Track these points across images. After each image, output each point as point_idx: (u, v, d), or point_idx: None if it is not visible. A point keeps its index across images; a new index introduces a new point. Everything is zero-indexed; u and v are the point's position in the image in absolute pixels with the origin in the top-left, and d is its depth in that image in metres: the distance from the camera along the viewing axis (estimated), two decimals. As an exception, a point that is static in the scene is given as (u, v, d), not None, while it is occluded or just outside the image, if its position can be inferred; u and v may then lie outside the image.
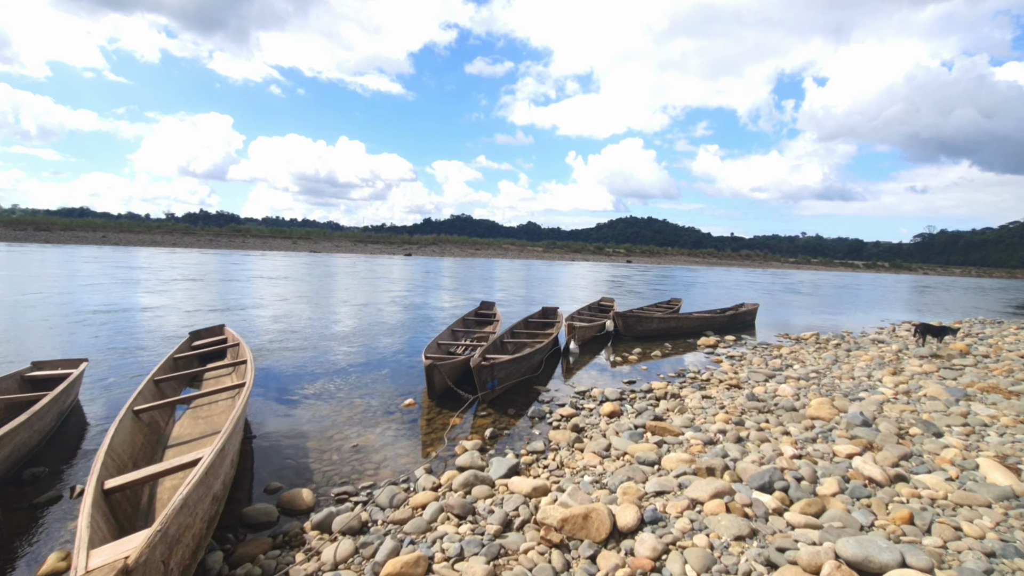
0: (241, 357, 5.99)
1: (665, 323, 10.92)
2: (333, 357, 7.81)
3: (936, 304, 25.13)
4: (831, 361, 8.36)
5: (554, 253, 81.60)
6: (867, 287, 38.46)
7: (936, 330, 9.47)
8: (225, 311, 11.81)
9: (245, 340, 6.70)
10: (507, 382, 6.13)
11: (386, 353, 8.29)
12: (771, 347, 9.97)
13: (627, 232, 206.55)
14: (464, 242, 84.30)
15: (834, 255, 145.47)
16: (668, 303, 15.48)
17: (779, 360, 8.30)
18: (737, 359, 8.75)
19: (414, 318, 12.25)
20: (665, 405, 5.71)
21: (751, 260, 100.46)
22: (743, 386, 6.66)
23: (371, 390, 6.15)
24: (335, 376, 6.74)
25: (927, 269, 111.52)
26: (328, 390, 6.09)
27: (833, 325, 14.65)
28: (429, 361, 5.53)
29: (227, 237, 69.58)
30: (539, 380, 6.90)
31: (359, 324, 10.94)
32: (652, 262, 78.02)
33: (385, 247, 71.20)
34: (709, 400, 5.97)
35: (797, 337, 11.30)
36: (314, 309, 12.90)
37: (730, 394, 6.20)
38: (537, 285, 24.94)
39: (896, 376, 7.02)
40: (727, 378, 7.02)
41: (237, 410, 3.81)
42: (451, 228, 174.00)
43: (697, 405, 5.68)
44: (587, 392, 6.27)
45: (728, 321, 12.58)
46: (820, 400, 5.56)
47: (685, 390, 6.42)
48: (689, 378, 7.24)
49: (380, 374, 6.93)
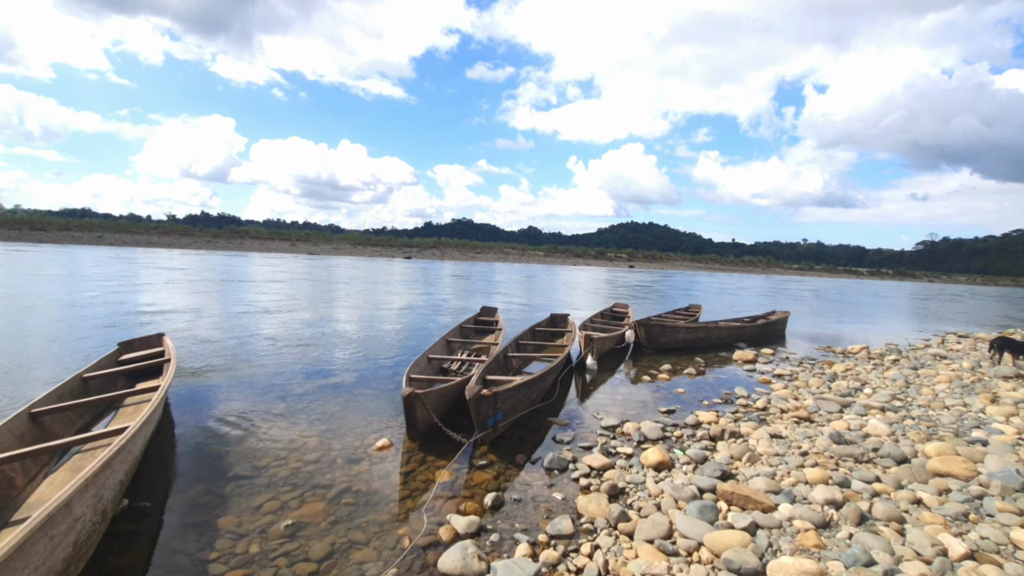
0: (161, 381, 4.58)
1: (692, 333, 9.48)
2: (299, 374, 6.38)
3: (966, 312, 23.67)
4: (902, 383, 6.92)
5: (556, 257, 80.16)
6: (879, 295, 37.04)
7: (1018, 345, 8.03)
8: (181, 314, 10.38)
9: (185, 353, 5.28)
10: (513, 415, 4.69)
11: (366, 369, 6.85)
12: (819, 363, 8.53)
13: (628, 237, 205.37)
14: (465, 246, 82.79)
15: (836, 262, 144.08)
16: (687, 310, 14.05)
17: (842, 382, 6.85)
18: (787, 379, 7.30)
19: (406, 325, 10.82)
20: (726, 450, 4.27)
21: (754, 266, 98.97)
22: (814, 418, 5.22)
23: (337, 423, 4.71)
24: (296, 400, 5.30)
25: (932, 277, 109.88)
26: (279, 423, 4.65)
27: (865, 336, 13.21)
28: (409, 391, 4.06)
29: (225, 238, 68.24)
30: (552, 407, 5.47)
31: (341, 331, 9.50)
32: (654, 267, 76.54)
33: (385, 250, 69.79)
34: (780, 441, 4.53)
35: (843, 351, 9.86)
36: (291, 314, 11.46)
37: (804, 431, 4.76)
38: (540, 290, 23.51)
39: (1000, 406, 5.57)
40: (790, 407, 5.58)
41: (88, 473, 2.42)
42: (452, 232, 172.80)
43: (769, 450, 4.24)
44: (618, 428, 4.82)
45: (760, 331, 11.14)
46: (936, 446, 4.12)
47: (743, 425, 4.98)
48: (740, 405, 5.80)
49: (354, 398, 5.49)
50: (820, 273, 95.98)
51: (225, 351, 7.39)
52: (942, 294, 44.18)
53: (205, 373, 6.19)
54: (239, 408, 5.01)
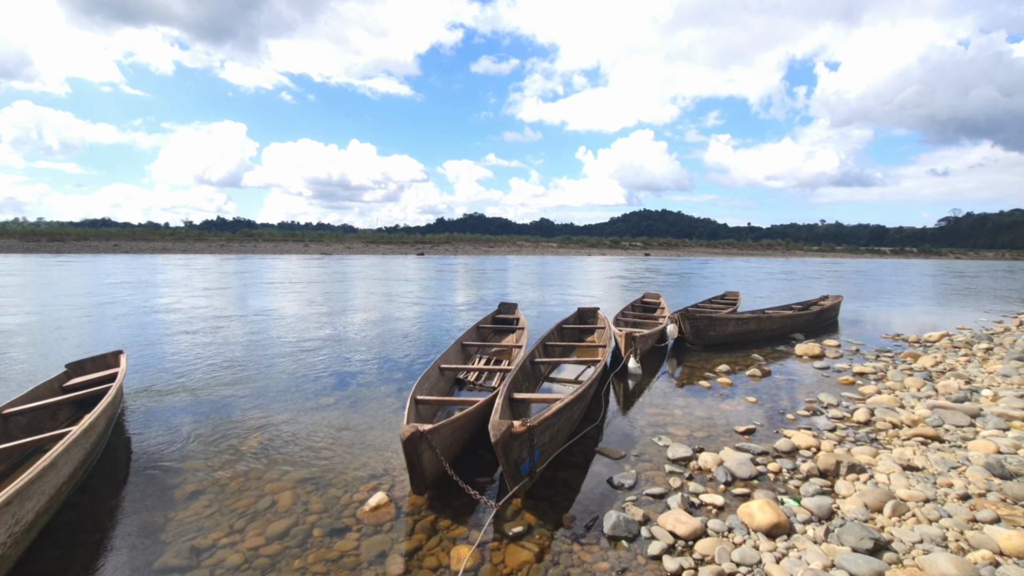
0: (100, 417, 3.52)
1: (743, 325, 8.22)
2: (283, 394, 5.29)
3: (1020, 289, 21.95)
4: (1020, 379, 5.63)
5: (569, 248, 78.68)
6: (914, 274, 35.21)
7: None
8: (176, 321, 9.38)
9: (153, 368, 4.23)
10: (553, 450, 3.54)
11: (368, 384, 5.75)
12: (899, 356, 7.24)
13: (641, 225, 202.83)
14: (477, 240, 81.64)
15: (856, 242, 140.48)
16: (724, 297, 12.77)
17: (946, 381, 5.57)
18: (874, 379, 6.04)
19: (416, 325, 9.71)
20: (854, 494, 3.07)
21: (773, 250, 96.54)
22: (943, 436, 3.99)
23: (321, 467, 3.60)
24: (273, 433, 4.21)
25: (958, 254, 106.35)
26: (246, 470, 3.55)
27: (926, 320, 11.82)
28: (411, 430, 2.90)
29: (239, 242, 67.92)
30: (596, 430, 4.32)
31: (343, 336, 8.42)
32: (670, 254, 74.72)
33: (398, 247, 68.96)
34: (919, 476, 3.32)
35: (919, 339, 8.53)
36: (288, 318, 10.42)
37: (941, 458, 3.54)
38: (557, 281, 22.29)
39: None
40: (902, 420, 4.35)
41: None
42: (464, 227, 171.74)
43: (913, 492, 3.04)
44: (691, 461, 3.64)
45: (815, 319, 9.84)
46: None
47: (855, 450, 3.77)
48: (835, 419, 4.58)
49: (347, 428, 4.38)
50: (842, 254, 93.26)
51: (200, 365, 6.34)
52: (981, 271, 42.02)
53: (167, 394, 5.11)
54: (200, 446, 3.92)
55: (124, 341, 7.76)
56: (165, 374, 5.95)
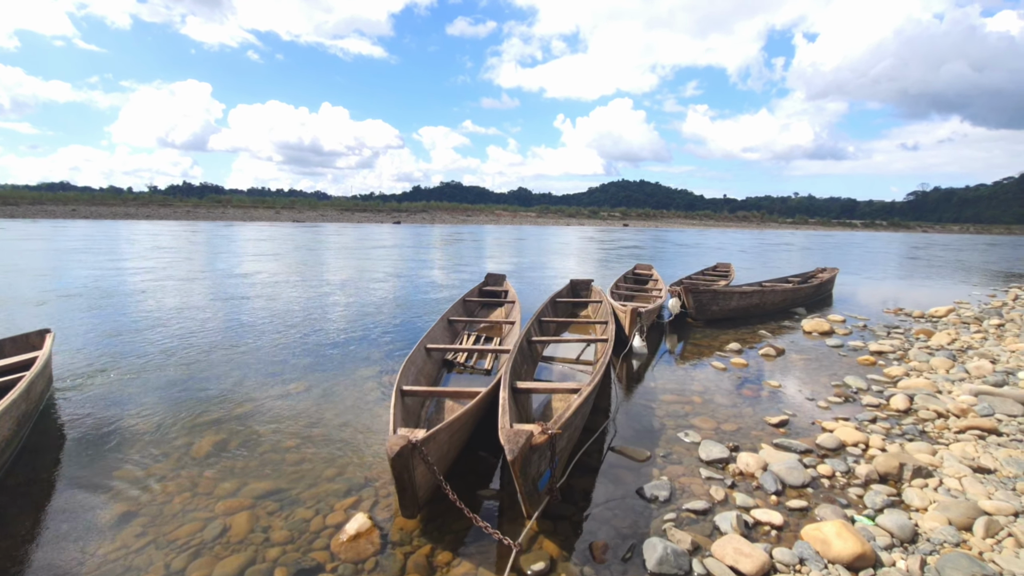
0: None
1: (747, 299, 7.74)
2: (245, 383, 4.59)
3: (998, 262, 22.22)
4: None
5: (548, 218, 77.80)
6: (886, 247, 35.69)
7: None
8: (123, 293, 8.46)
9: (93, 350, 3.48)
10: (569, 455, 2.97)
11: (341, 368, 5.07)
12: (907, 331, 6.88)
13: (619, 196, 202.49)
14: (455, 208, 79.90)
15: (827, 215, 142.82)
16: (716, 269, 12.36)
17: (976, 361, 5.16)
18: (895, 359, 5.63)
19: (397, 298, 8.98)
20: (931, 506, 2.58)
21: (748, 221, 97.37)
22: (1000, 428, 3.55)
23: (289, 478, 2.96)
24: (232, 430, 3.53)
25: (926, 227, 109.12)
26: (197, 480, 2.89)
27: (921, 293, 11.64)
28: (401, 442, 2.25)
29: (207, 208, 64.94)
30: (610, 425, 3.76)
31: (316, 312, 7.67)
32: (648, 225, 74.59)
33: (373, 215, 66.99)
34: (993, 480, 2.85)
35: (923, 315, 8.21)
36: (255, 290, 9.57)
37: (1008, 456, 3.08)
38: (539, 251, 21.66)
39: None
40: (948, 409, 3.90)
41: None
42: (441, 195, 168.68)
43: (998, 505, 2.56)
44: (730, 464, 3.11)
45: (814, 292, 9.46)
46: None
47: (910, 447, 3.29)
48: (869, 407, 4.12)
49: (319, 425, 3.72)
50: (815, 226, 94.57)
51: (148, 345, 5.56)
52: (950, 244, 42.90)
53: (106, 382, 4.35)
54: (139, 449, 3.23)
55: (61, 318, 6.88)
56: (106, 357, 5.17)
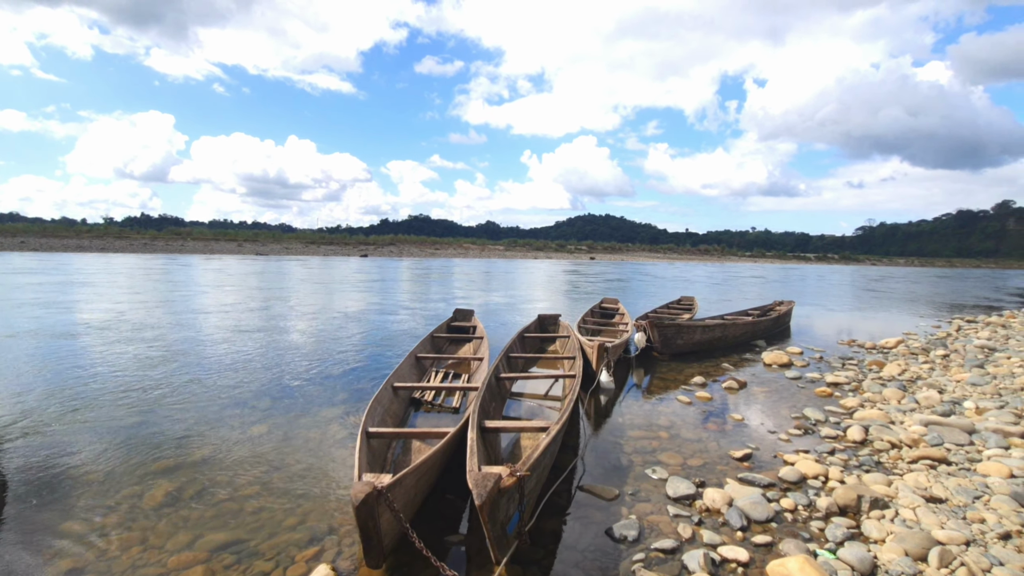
0: None
1: (710, 333, 7.95)
2: (201, 423, 4.40)
3: (944, 294, 23.48)
4: (992, 389, 5.56)
5: (516, 251, 78.41)
6: (837, 280, 37.35)
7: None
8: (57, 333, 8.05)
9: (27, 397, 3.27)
10: (537, 496, 2.94)
11: (304, 409, 4.92)
12: (860, 363, 7.16)
13: (586, 229, 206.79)
14: (423, 242, 79.75)
15: (783, 248, 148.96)
16: (680, 302, 12.66)
17: (934, 393, 5.40)
18: (850, 390, 5.84)
19: (364, 337, 8.83)
20: (888, 538, 2.65)
21: (710, 254, 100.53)
22: (949, 458, 3.70)
23: (247, 528, 2.83)
24: (186, 475, 3.37)
25: (874, 260, 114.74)
26: (141, 533, 2.73)
27: (872, 325, 12.18)
28: (366, 488, 2.19)
29: (165, 240, 62.82)
30: (578, 463, 3.75)
31: (278, 350, 7.46)
32: (615, 258, 76.10)
33: (339, 248, 66.06)
34: (945, 510, 2.96)
35: (875, 345, 8.58)
36: (213, 327, 9.26)
37: (959, 485, 3.22)
38: (507, 285, 21.77)
39: None
40: (901, 439, 4.05)
41: None
42: (409, 229, 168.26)
43: (950, 534, 2.65)
44: (696, 500, 3.14)
45: (773, 325, 9.79)
46: None
47: (867, 479, 3.40)
48: (828, 438, 4.25)
49: (280, 470, 3.59)
50: (772, 259, 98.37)
51: (97, 385, 5.28)
52: (897, 276, 45.19)
53: (50, 424, 4.09)
54: (86, 498, 3.04)
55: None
56: (48, 401, 4.88)
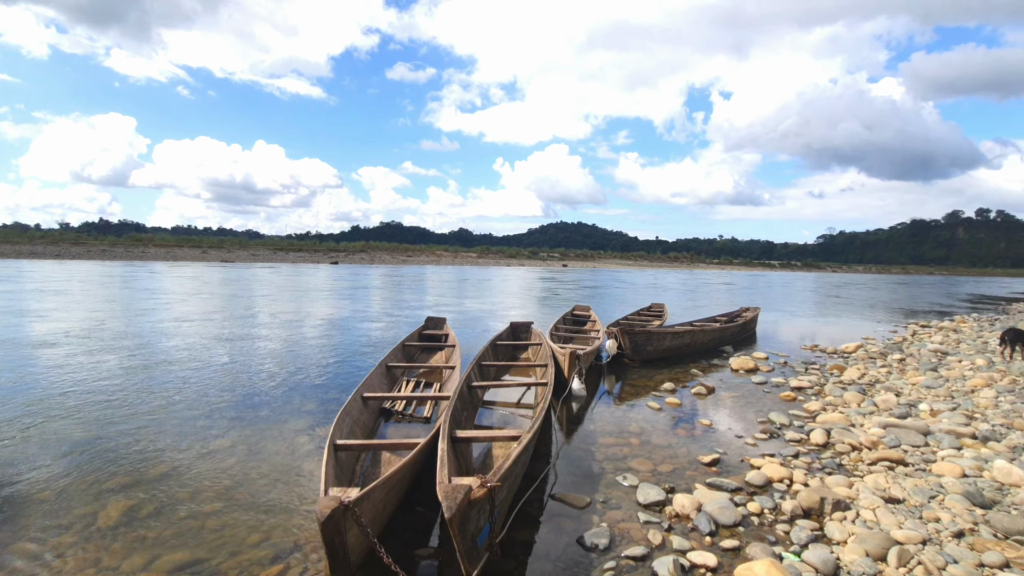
0: None
1: (679, 339, 8.09)
2: (162, 437, 4.24)
3: (901, 300, 24.47)
4: (945, 392, 5.81)
5: (489, 258, 78.39)
6: (801, 286, 38.53)
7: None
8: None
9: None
10: (509, 506, 2.92)
11: (270, 421, 4.80)
12: (826, 368, 7.39)
13: (558, 237, 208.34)
14: (395, 249, 78.88)
15: (749, 255, 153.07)
16: (650, 309, 12.84)
17: (891, 396, 5.60)
18: (812, 393, 6.02)
19: (333, 346, 8.67)
20: (850, 539, 2.72)
21: (679, 262, 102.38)
22: (907, 460, 3.84)
23: (209, 546, 2.73)
24: (145, 492, 3.23)
25: (835, 267, 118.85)
26: (96, 554, 2.60)
27: (834, 330, 12.60)
28: (332, 503, 2.13)
29: (125, 247, 60.42)
30: (550, 472, 3.75)
31: (244, 360, 7.25)
32: (587, 265, 76.82)
33: (309, 255, 64.77)
34: (903, 510, 3.06)
35: (835, 350, 8.86)
36: (175, 337, 8.96)
37: (916, 485, 3.34)
38: (479, 292, 21.75)
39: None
40: (861, 441, 4.19)
41: None
42: (381, 235, 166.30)
43: (908, 534, 2.75)
44: (667, 506, 3.17)
45: (740, 331, 10.02)
46: None
47: (830, 481, 3.49)
48: (792, 442, 4.36)
49: (244, 485, 3.48)
50: (738, 266, 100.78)
51: (53, 398, 5.04)
52: (855, 283, 46.91)
53: (7, 442, 3.89)
54: (38, 518, 2.88)
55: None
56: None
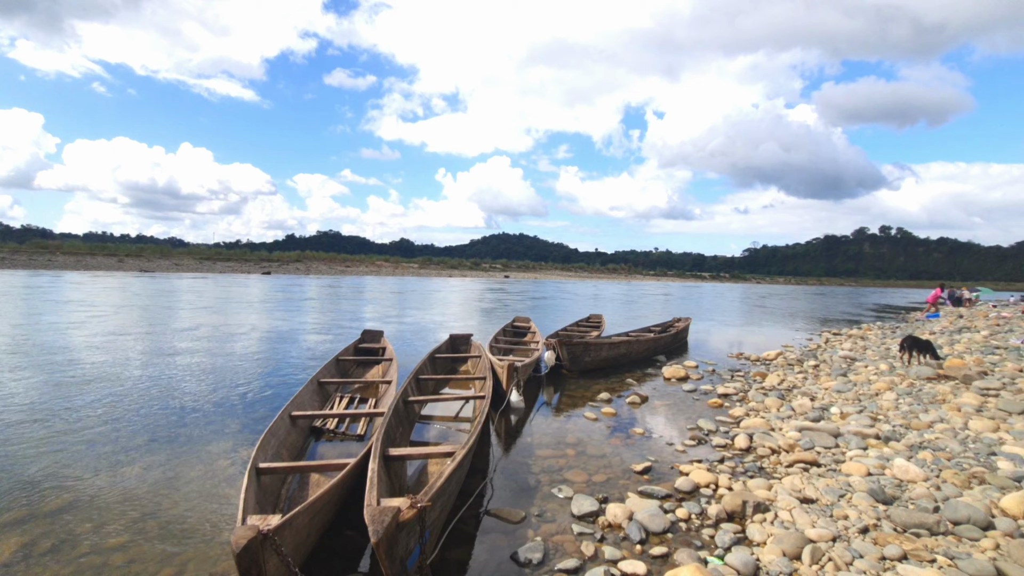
0: None
1: (615, 350, 8.31)
2: (66, 463, 3.85)
3: (816, 309, 26.29)
4: (853, 396, 6.28)
5: (430, 269, 77.56)
6: (730, 297, 40.69)
7: (923, 344, 8.00)
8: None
9: None
10: (443, 524, 2.87)
11: (188, 443, 4.48)
12: (750, 375, 7.81)
13: (500, 248, 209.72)
14: (333, 259, 76.27)
15: (682, 267, 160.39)
16: (589, 320, 13.11)
17: (801, 400, 5.98)
18: (737, 400, 6.33)
19: (262, 361, 8.24)
20: (769, 540, 2.87)
21: (618, 273, 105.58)
22: (819, 460, 4.10)
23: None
24: (42, 526, 2.91)
25: (759, 279, 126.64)
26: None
27: (758, 338, 13.37)
28: (248, 533, 2.00)
29: (28, 254, 54.86)
30: (485, 487, 3.72)
31: (161, 377, 6.74)
32: (529, 276, 77.70)
33: (239, 265, 61.39)
34: (816, 509, 3.27)
35: (759, 358, 9.39)
36: (82, 354, 8.22)
37: (827, 485, 3.57)
38: (421, 304, 21.45)
39: (985, 420, 4.98)
40: (780, 445, 4.44)
41: None
42: (318, 245, 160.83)
43: (820, 531, 2.93)
44: (598, 517, 3.21)
45: (672, 341, 10.42)
46: (1018, 498, 3.12)
47: (751, 484, 3.68)
48: (719, 447, 4.55)
49: (155, 515, 3.21)
50: (673, 278, 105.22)
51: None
52: (777, 293, 50.10)
53: None
54: None
55: None
56: None
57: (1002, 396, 5.71)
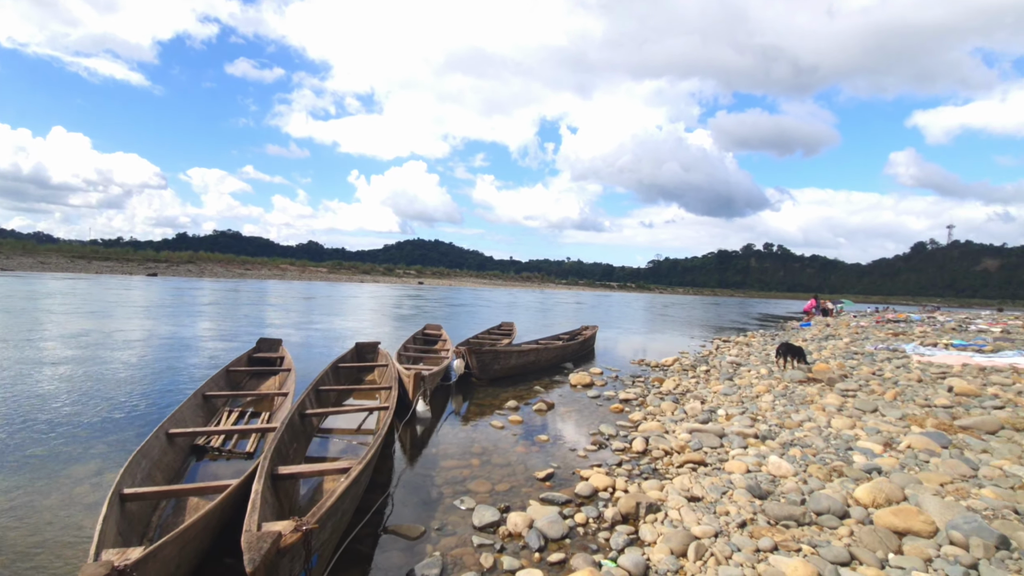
0: None
1: (524, 358, 8.42)
2: None
3: (710, 319, 28.37)
4: (737, 398, 6.82)
5: (341, 274, 74.34)
6: (637, 306, 42.95)
7: (796, 350, 8.89)
8: None
9: None
10: (335, 544, 2.72)
11: (44, 467, 3.91)
12: (649, 380, 8.24)
13: (415, 254, 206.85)
14: (231, 261, 70.67)
15: (593, 277, 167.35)
16: (500, 328, 13.22)
17: (693, 403, 6.39)
18: (637, 405, 6.64)
19: (139, 374, 7.40)
20: (658, 541, 3.01)
21: (531, 282, 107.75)
22: (706, 460, 4.39)
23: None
24: None
25: (662, 289, 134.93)
26: None
27: (656, 345, 14.19)
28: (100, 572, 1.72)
29: None
30: (385, 501, 3.60)
31: (15, 393, 5.85)
32: (443, 283, 77.07)
33: (120, 265, 55.09)
34: (702, 507, 3.49)
35: (658, 364, 9.95)
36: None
37: (712, 483, 3.83)
38: (328, 311, 20.51)
39: (844, 418, 5.60)
40: (672, 446, 4.70)
41: None
42: (215, 245, 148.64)
43: (704, 528, 3.13)
44: (499, 527, 3.21)
45: (580, 348, 10.76)
46: (868, 488, 3.52)
47: (645, 486, 3.85)
48: (618, 451, 4.74)
49: (1, 552, 2.77)
50: (583, 287, 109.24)
51: None
52: (677, 303, 53.61)
53: None
54: None
55: None
56: None
57: (858, 396, 6.47)
